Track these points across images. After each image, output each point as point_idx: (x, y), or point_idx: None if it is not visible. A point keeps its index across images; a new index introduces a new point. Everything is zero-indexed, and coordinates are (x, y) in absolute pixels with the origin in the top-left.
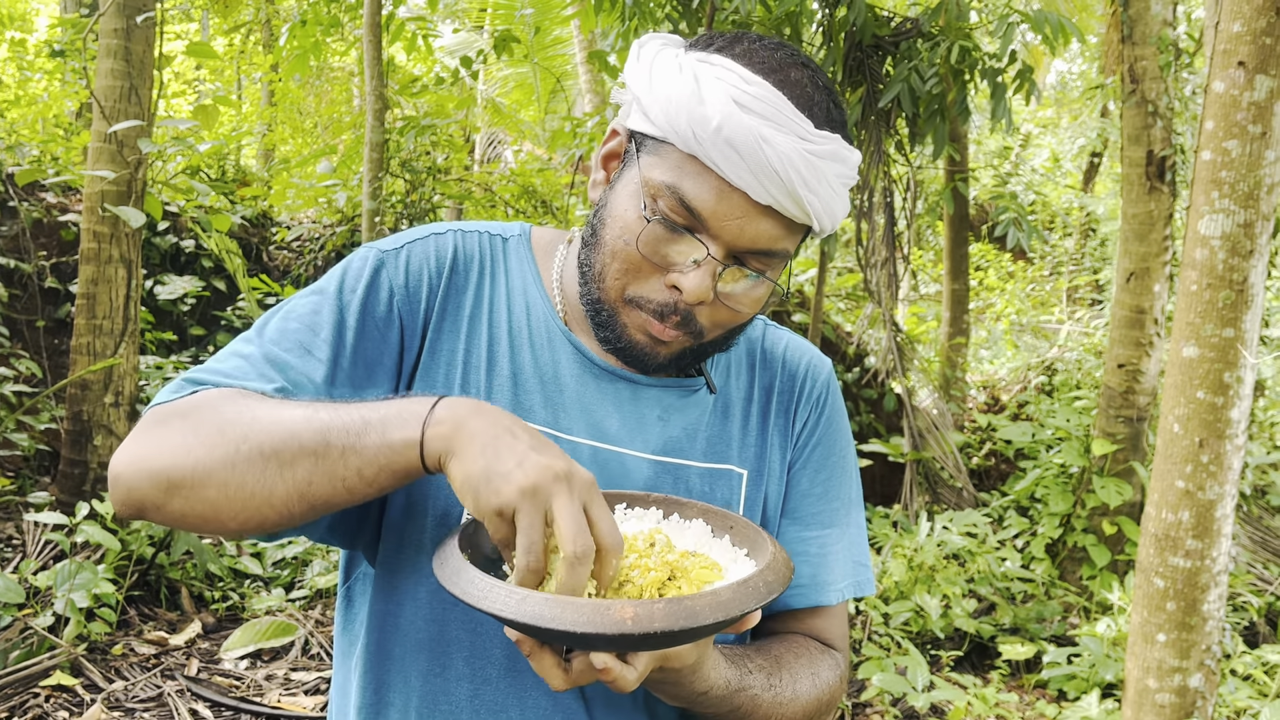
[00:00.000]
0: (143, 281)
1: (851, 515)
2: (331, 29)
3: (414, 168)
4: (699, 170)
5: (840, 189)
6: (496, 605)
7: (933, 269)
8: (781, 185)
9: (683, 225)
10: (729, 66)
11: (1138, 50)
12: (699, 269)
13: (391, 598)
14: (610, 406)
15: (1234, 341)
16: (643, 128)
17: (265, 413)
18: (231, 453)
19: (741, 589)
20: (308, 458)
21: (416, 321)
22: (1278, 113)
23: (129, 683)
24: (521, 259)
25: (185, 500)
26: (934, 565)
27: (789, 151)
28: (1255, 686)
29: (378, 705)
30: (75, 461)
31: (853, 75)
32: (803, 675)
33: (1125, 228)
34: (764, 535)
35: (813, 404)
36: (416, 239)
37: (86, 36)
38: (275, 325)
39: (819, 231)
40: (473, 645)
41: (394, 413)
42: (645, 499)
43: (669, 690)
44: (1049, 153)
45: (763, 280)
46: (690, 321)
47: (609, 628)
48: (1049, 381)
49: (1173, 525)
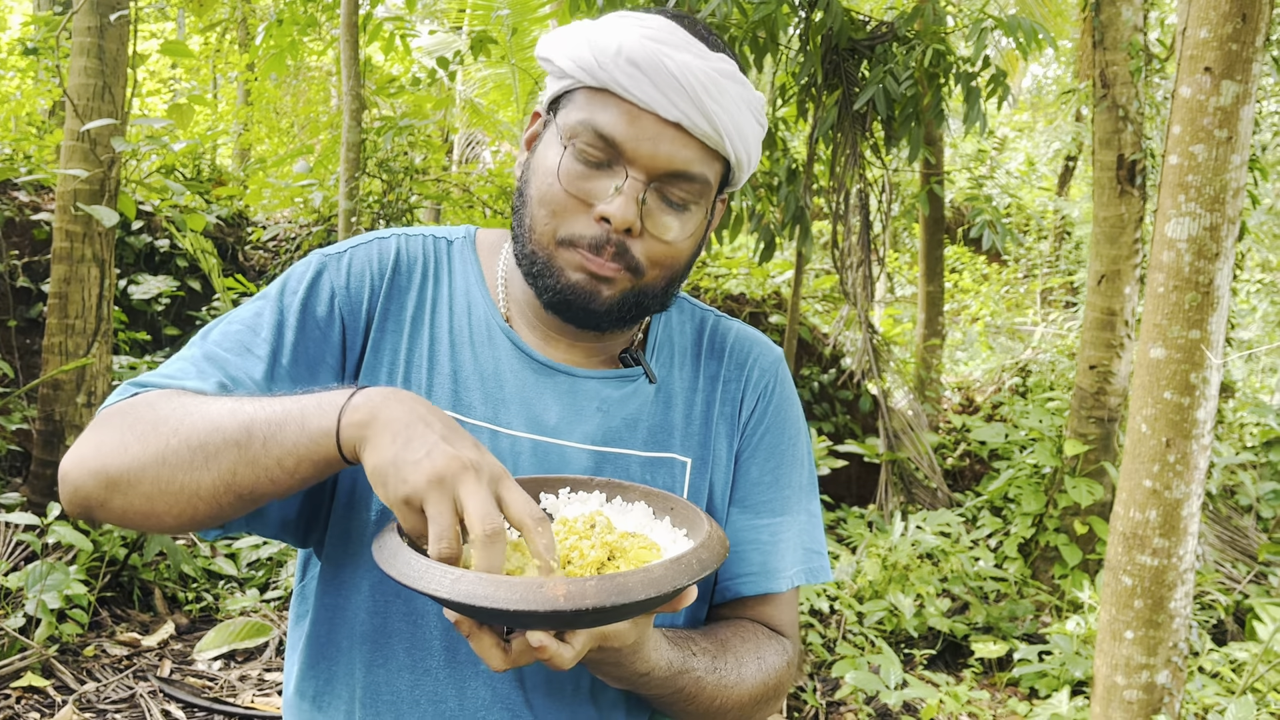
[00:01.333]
0: (116, 281)
1: (804, 502)
2: (308, 28)
3: (391, 168)
4: (608, 100)
5: (746, 113)
6: (431, 585)
7: (908, 271)
8: (686, 95)
9: (601, 158)
10: (627, 15)
11: (1109, 55)
12: (621, 195)
13: (338, 591)
14: (549, 400)
15: (1200, 343)
16: (554, 89)
17: (195, 408)
18: (162, 448)
19: (674, 565)
20: (231, 449)
21: (359, 322)
22: (1243, 117)
23: (101, 684)
24: (466, 260)
25: (124, 497)
26: (908, 565)
27: (689, 61)
28: (1222, 684)
29: (325, 696)
30: (47, 462)
31: (829, 78)
32: (748, 659)
33: (1096, 230)
34: (702, 515)
35: (760, 392)
36: (360, 243)
37: (60, 34)
38: (219, 329)
39: (734, 165)
40: (413, 636)
41: (314, 403)
42: (588, 483)
43: (610, 671)
44: (1024, 156)
45: (690, 211)
46: (625, 254)
47: (542, 604)
48: (1023, 383)
49: (1140, 524)
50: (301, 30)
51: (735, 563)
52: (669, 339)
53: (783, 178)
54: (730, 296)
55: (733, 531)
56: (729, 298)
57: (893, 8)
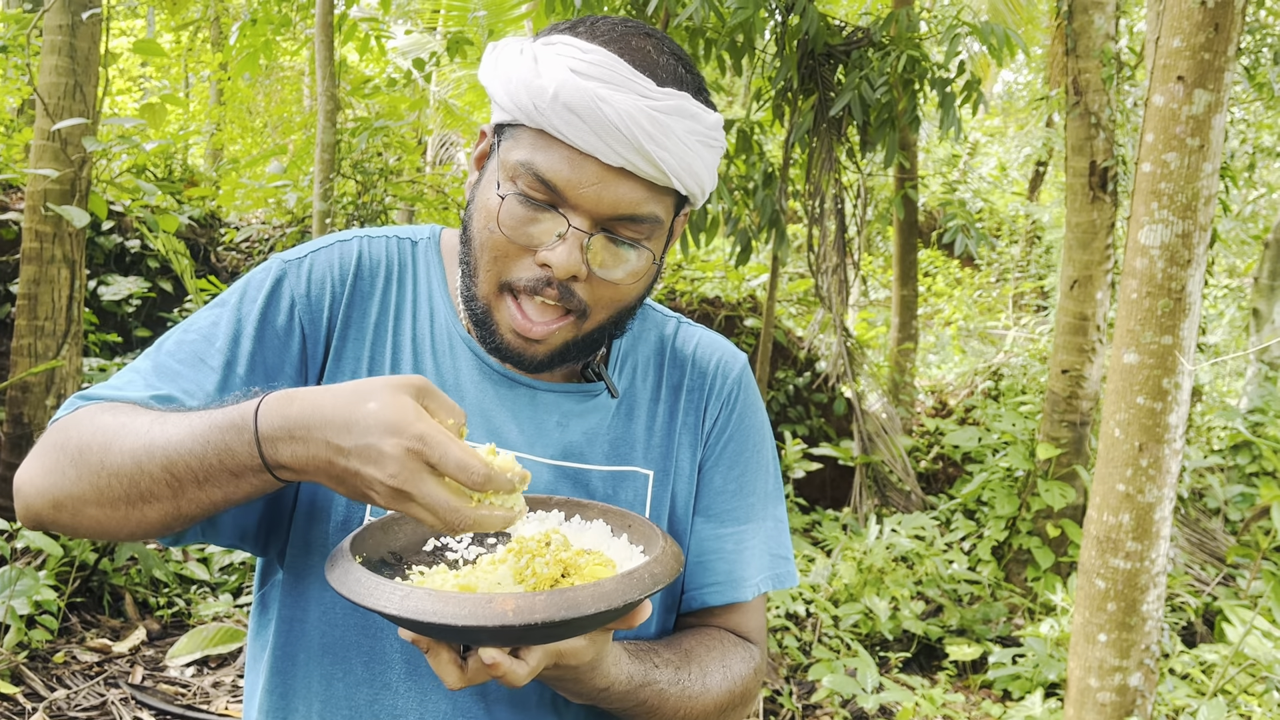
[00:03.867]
0: (86, 282)
1: (769, 509)
2: (282, 28)
3: (366, 169)
4: (549, 144)
5: (696, 146)
6: (380, 602)
7: (882, 275)
8: (627, 143)
9: (543, 201)
10: (567, 42)
11: (1081, 63)
12: (564, 242)
13: (298, 603)
14: (508, 414)
15: (1172, 348)
16: (498, 118)
17: (125, 441)
18: (95, 479)
19: (625, 580)
20: (164, 488)
21: (319, 330)
22: (1215, 126)
23: (71, 691)
24: (429, 263)
25: (72, 516)
26: (883, 568)
27: (629, 108)
28: (1193, 685)
29: (283, 710)
30: (15, 466)
31: (805, 83)
32: (713, 668)
33: (1069, 236)
34: (658, 532)
35: (723, 401)
36: (321, 247)
37: (30, 33)
38: (174, 338)
39: (688, 195)
40: (371, 650)
41: (236, 439)
42: (547, 502)
43: (569, 687)
44: (996, 161)
45: (640, 250)
46: (570, 297)
47: (490, 619)
48: (995, 386)
49: (1113, 528)
50: (275, 30)
51: (701, 572)
52: (632, 349)
53: (759, 181)
54: (706, 300)
55: (697, 541)
56: (704, 301)
57: (868, 13)
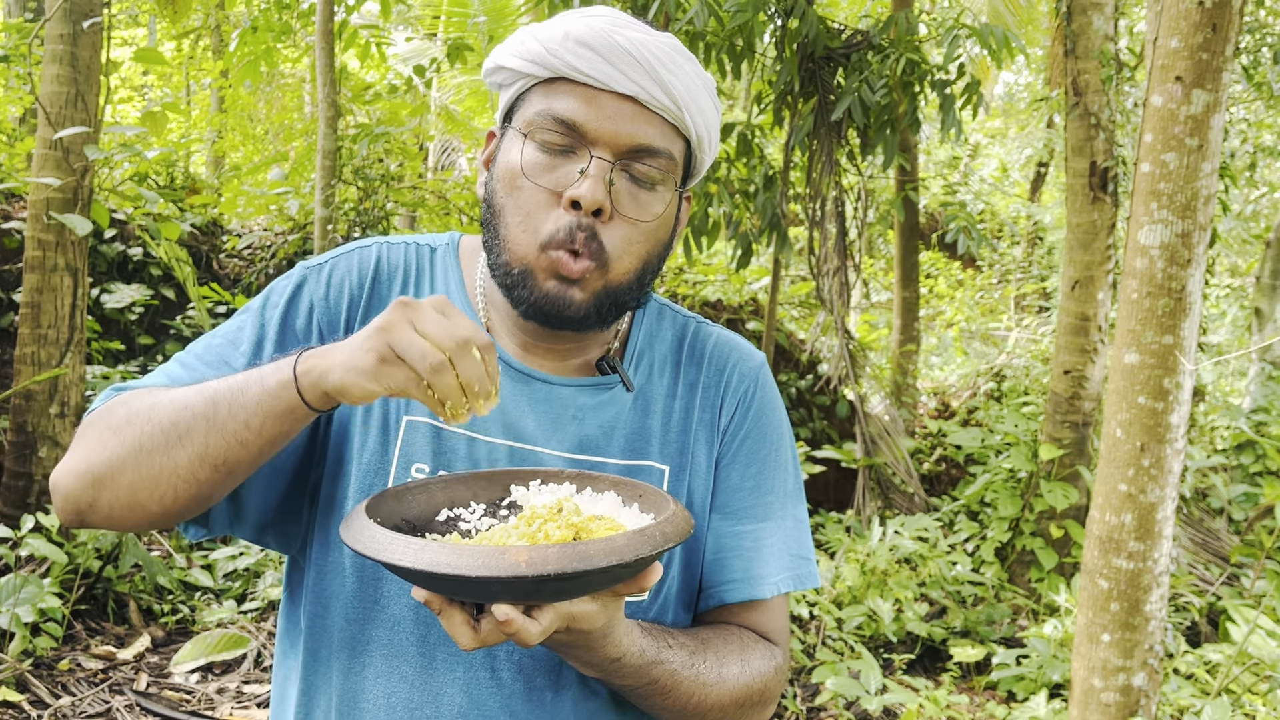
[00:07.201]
0: (89, 290)
1: (788, 508)
2: (283, 35)
3: (367, 175)
4: (563, 87)
5: (701, 91)
6: (394, 555)
7: (884, 277)
8: (640, 68)
9: (563, 144)
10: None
11: (1081, 64)
12: (589, 177)
13: (320, 600)
14: (526, 408)
15: (1173, 348)
16: (507, 98)
17: (165, 395)
18: (137, 435)
19: (637, 536)
20: (200, 421)
21: (337, 332)
22: (1214, 126)
23: (76, 698)
24: (447, 268)
25: (110, 491)
26: (886, 570)
27: (639, 36)
28: (1197, 685)
29: (307, 706)
30: (19, 474)
31: (805, 86)
32: (731, 660)
33: (1070, 237)
34: (670, 500)
35: (739, 398)
36: (341, 254)
37: (32, 41)
38: (203, 343)
39: (694, 139)
40: (389, 644)
41: (271, 365)
42: (559, 474)
43: (580, 655)
44: (997, 163)
45: (658, 192)
46: (595, 241)
47: (503, 570)
48: (998, 388)
49: (1116, 528)
50: (276, 37)
51: (718, 570)
52: (649, 346)
53: (759, 184)
54: (708, 303)
55: (714, 538)
56: (706, 304)
57: (868, 16)
